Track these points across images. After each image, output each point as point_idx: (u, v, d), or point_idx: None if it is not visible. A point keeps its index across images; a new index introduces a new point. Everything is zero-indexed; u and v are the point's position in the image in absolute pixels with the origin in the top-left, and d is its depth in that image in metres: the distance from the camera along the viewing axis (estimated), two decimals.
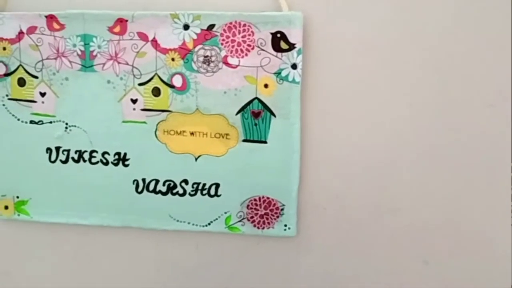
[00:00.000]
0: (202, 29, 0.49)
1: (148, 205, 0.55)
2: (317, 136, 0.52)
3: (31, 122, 0.55)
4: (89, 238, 0.59)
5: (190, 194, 0.54)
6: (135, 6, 0.50)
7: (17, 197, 0.57)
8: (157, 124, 0.52)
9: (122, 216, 0.56)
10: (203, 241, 0.57)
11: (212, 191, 0.54)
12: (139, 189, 0.55)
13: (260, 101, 0.50)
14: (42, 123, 0.54)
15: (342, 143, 0.52)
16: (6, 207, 0.58)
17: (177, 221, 0.55)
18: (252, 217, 0.54)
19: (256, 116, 0.51)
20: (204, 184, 0.54)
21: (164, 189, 0.55)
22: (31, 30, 0.52)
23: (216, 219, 0.55)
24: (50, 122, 0.54)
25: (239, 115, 0.51)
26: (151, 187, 0.55)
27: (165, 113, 0.52)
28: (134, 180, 0.55)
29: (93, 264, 0.60)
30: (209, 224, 0.55)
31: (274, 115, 0.50)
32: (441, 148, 0.52)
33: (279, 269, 0.57)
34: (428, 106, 0.51)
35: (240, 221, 0.54)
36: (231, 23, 0.48)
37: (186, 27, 0.49)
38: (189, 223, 0.55)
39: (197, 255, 0.57)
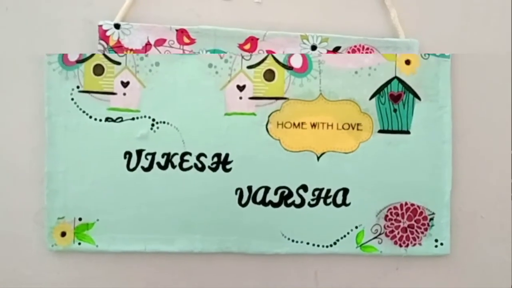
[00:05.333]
0: (328, 50, 0.48)
1: (254, 221, 0.46)
2: (472, 122, 0.46)
3: (107, 119, 0.46)
4: (173, 270, 0.47)
5: (309, 204, 0.46)
6: (264, 25, 0.49)
7: (80, 219, 0.47)
8: (269, 116, 0.46)
9: (220, 238, 0.46)
10: (325, 267, 0.47)
11: (339, 199, 0.46)
12: (243, 201, 0.46)
13: (400, 81, 0.45)
14: (122, 121, 0.46)
15: (502, 130, 0.45)
16: (64, 234, 0.47)
17: (292, 241, 0.46)
18: (391, 231, 0.46)
19: (395, 100, 0.46)
20: (329, 190, 0.46)
21: (276, 199, 0.46)
22: (159, 42, 0.48)
23: (344, 236, 0.46)
24: (132, 119, 0.46)
25: (373, 99, 0.46)
26: (259, 197, 0.46)
27: (279, 101, 0.46)
28: (237, 189, 0.46)
29: None
30: (334, 243, 0.46)
31: (419, 98, 0.45)
32: None
33: None
34: None
35: (376, 237, 0.46)
36: (355, 46, 0.48)
37: (313, 47, 0.48)
38: (307, 243, 0.46)
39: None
